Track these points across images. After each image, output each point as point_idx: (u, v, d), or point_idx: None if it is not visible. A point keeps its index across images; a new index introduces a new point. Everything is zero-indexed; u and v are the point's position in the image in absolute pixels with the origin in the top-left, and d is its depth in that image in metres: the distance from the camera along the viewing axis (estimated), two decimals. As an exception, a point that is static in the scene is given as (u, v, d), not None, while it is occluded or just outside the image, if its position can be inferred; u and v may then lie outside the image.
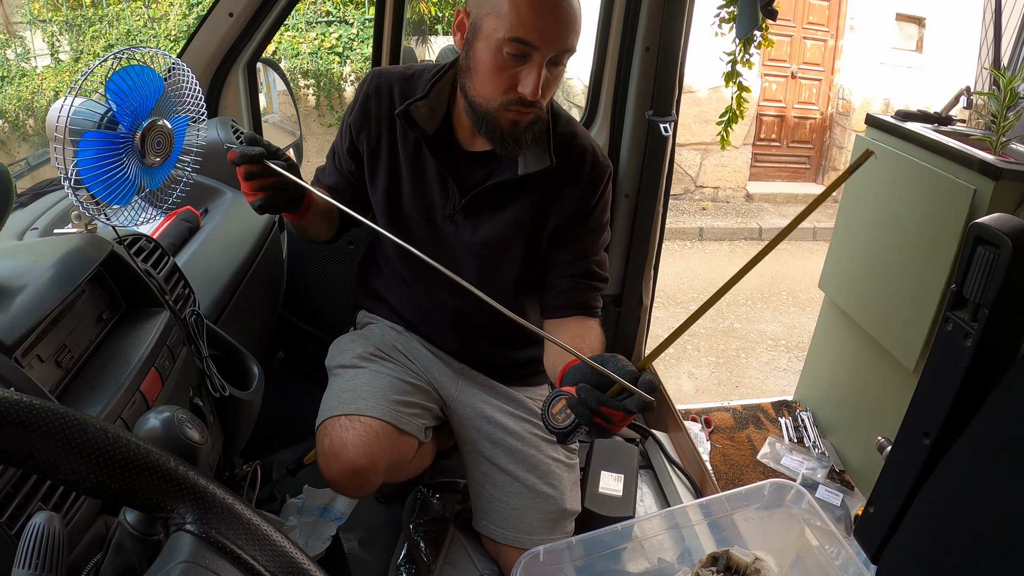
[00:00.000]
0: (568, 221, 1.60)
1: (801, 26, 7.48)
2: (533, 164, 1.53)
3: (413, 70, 1.62)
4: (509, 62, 1.37)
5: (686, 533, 1.57)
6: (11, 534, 0.77)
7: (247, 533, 0.56)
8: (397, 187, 1.63)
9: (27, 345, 0.96)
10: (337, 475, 1.54)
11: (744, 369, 4.30)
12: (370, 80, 1.62)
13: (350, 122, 1.64)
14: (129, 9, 7.05)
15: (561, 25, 1.34)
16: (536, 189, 1.57)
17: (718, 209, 7.39)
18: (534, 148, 1.53)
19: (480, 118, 1.45)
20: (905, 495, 1.11)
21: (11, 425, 0.51)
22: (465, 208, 1.58)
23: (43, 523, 0.56)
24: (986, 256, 0.98)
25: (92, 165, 1.11)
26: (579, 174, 1.59)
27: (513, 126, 1.44)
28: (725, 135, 2.26)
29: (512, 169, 1.54)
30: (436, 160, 1.56)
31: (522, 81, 1.37)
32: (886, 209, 2.43)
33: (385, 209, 1.65)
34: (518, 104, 1.40)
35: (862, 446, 2.62)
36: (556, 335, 1.51)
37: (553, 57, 1.37)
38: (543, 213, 1.59)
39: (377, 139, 1.62)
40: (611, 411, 1.10)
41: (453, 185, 1.57)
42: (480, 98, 1.43)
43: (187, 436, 0.67)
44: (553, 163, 1.54)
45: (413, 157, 1.60)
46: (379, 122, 1.61)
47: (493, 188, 1.56)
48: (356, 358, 1.71)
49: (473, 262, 1.62)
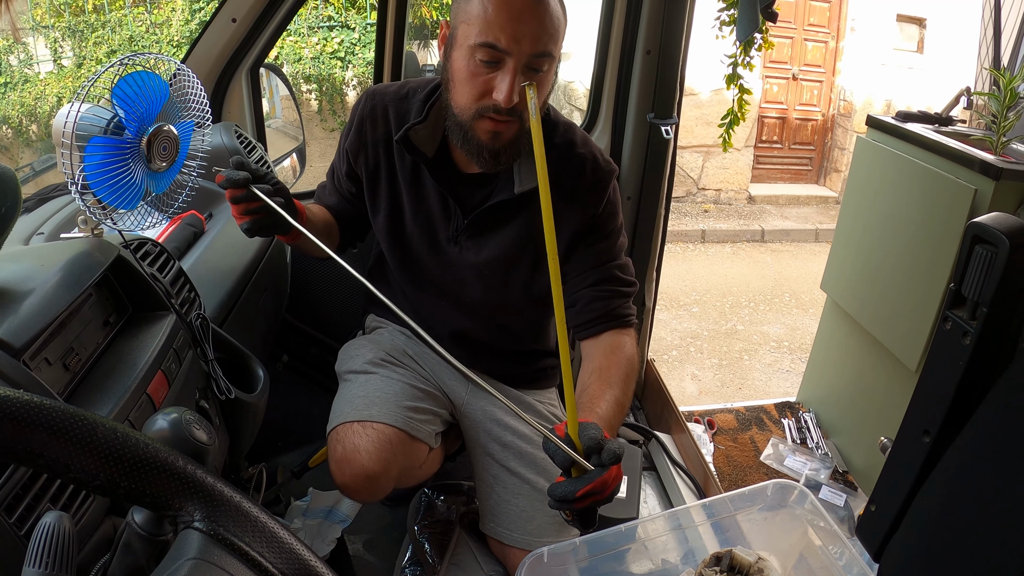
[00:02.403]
0: (579, 232, 1.56)
1: (802, 28, 7.49)
2: (528, 181, 1.50)
3: (407, 89, 1.59)
4: (482, 69, 1.33)
5: (690, 534, 1.57)
6: (21, 534, 0.78)
7: (255, 531, 0.56)
8: (399, 210, 1.61)
9: (35, 348, 0.97)
10: (350, 481, 1.54)
11: (747, 371, 4.30)
12: (364, 101, 1.60)
13: (347, 147, 1.62)
14: (132, 15, 7.07)
15: (532, 28, 1.30)
16: (537, 205, 1.52)
17: (720, 211, 7.39)
18: (529, 164, 1.49)
19: (458, 131, 1.42)
20: (906, 493, 1.11)
21: (22, 425, 0.52)
22: (468, 229, 1.56)
23: (53, 523, 0.56)
24: (984, 255, 0.99)
25: (99, 170, 1.13)
26: (580, 183, 1.55)
27: (492, 139, 1.40)
28: (727, 138, 2.27)
29: (508, 188, 1.52)
30: (437, 182, 1.54)
31: (496, 87, 1.34)
32: (888, 210, 2.44)
33: (388, 233, 1.63)
34: (494, 112, 1.36)
35: (865, 446, 2.62)
36: (588, 359, 1.57)
37: (529, 63, 1.33)
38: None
39: (375, 163, 1.60)
40: (586, 494, 1.16)
41: (455, 207, 1.55)
42: (457, 108, 1.40)
43: (195, 437, 0.68)
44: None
45: (412, 179, 1.58)
46: (375, 145, 1.59)
47: (493, 208, 1.54)
48: (367, 363, 1.71)
49: (479, 281, 1.62)
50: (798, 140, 8.00)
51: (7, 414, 0.51)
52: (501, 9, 1.29)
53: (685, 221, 7.00)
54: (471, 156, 1.45)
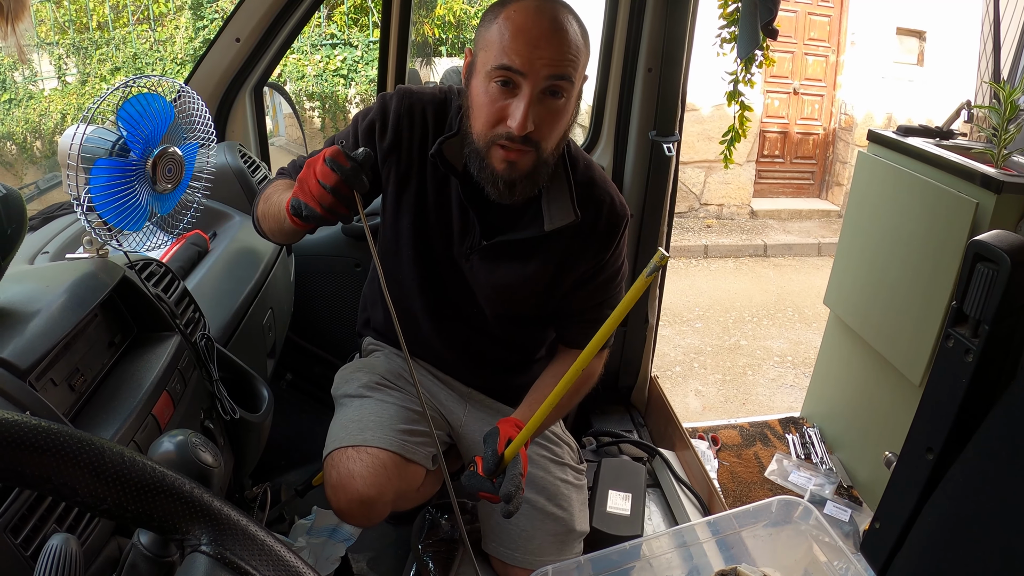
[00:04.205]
0: (586, 271, 1.57)
1: (802, 42, 7.51)
2: (560, 219, 1.48)
3: (444, 95, 1.55)
4: (498, 94, 1.31)
5: (694, 551, 1.57)
6: (27, 555, 0.79)
7: (261, 554, 0.57)
8: (424, 217, 1.56)
9: (41, 369, 0.98)
10: (345, 506, 1.53)
11: (751, 386, 4.29)
12: (399, 100, 1.52)
13: (385, 145, 1.53)
14: (135, 32, 7.12)
15: (549, 51, 1.28)
16: (557, 243, 1.52)
17: (723, 226, 7.40)
18: (560, 200, 1.48)
19: (476, 158, 1.39)
20: (910, 510, 1.11)
21: (30, 450, 0.52)
22: (484, 251, 1.54)
23: (60, 545, 0.57)
24: (985, 273, 0.99)
25: (104, 192, 1.14)
26: (596, 226, 1.54)
27: (507, 168, 1.37)
28: (728, 154, 2.27)
29: (538, 224, 1.49)
30: (466, 198, 1.49)
31: (511, 115, 1.31)
32: (889, 224, 2.44)
33: (411, 238, 1.58)
34: (508, 139, 1.33)
35: (870, 461, 2.61)
36: (556, 360, 1.71)
37: (546, 87, 1.30)
38: (561, 267, 1.55)
39: (408, 165, 1.54)
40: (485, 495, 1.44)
41: (477, 226, 1.52)
42: (475, 135, 1.38)
43: (200, 459, 0.68)
44: (578, 217, 1.48)
45: (440, 186, 1.54)
46: (410, 147, 1.53)
47: (517, 241, 1.52)
48: (362, 387, 1.70)
49: (485, 298, 1.61)
50: (800, 154, 8.01)
51: (16, 438, 0.52)
52: (519, 34, 1.28)
53: (688, 237, 6.99)
54: (486, 185, 1.41)
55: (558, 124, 1.37)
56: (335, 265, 2.43)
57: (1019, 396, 0.94)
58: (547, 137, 1.36)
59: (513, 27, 1.29)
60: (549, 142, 1.38)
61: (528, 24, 1.28)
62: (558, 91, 1.32)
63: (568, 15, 1.32)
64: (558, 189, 1.49)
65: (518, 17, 1.29)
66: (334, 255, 2.41)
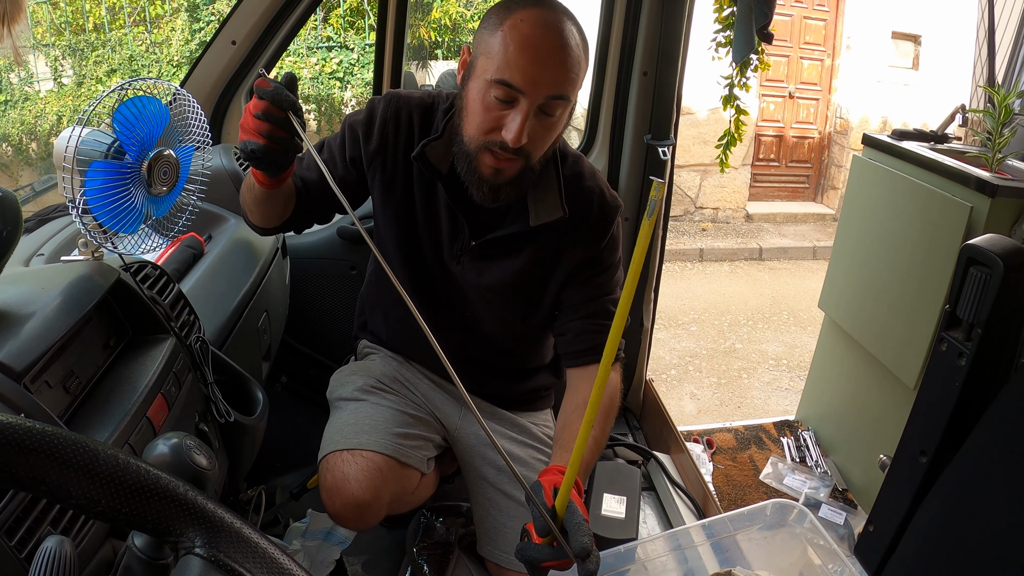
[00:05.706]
0: (579, 265, 1.57)
1: (798, 46, 7.54)
2: (545, 214, 1.50)
3: (431, 99, 1.56)
4: (495, 105, 1.32)
5: (689, 554, 1.57)
6: (21, 557, 0.78)
7: (255, 556, 0.57)
8: (412, 220, 1.58)
9: (36, 371, 0.98)
10: (340, 509, 1.53)
11: (746, 389, 4.30)
12: (386, 104, 1.54)
13: (370, 149, 1.55)
14: (131, 34, 7.10)
15: (551, 71, 1.29)
16: (546, 238, 1.53)
17: (718, 230, 7.41)
18: (546, 196, 1.50)
19: (463, 159, 1.41)
20: (904, 513, 1.11)
21: (25, 452, 0.52)
22: (474, 251, 1.55)
23: (55, 547, 0.57)
24: (978, 276, 1.00)
25: (99, 194, 1.13)
26: (587, 218, 1.55)
27: (494, 174, 1.38)
28: (724, 158, 2.28)
29: (523, 220, 1.51)
30: (452, 200, 1.51)
31: (506, 126, 1.32)
32: (884, 228, 2.45)
33: (399, 242, 1.59)
34: (499, 148, 1.34)
35: (865, 464, 2.62)
36: (572, 390, 1.58)
37: (543, 105, 1.32)
38: (552, 261, 1.56)
39: (394, 169, 1.55)
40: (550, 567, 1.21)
41: (466, 227, 1.53)
42: (466, 137, 1.39)
43: (195, 462, 0.68)
44: (566, 213, 1.50)
45: (426, 191, 1.55)
46: (396, 151, 1.54)
47: (504, 237, 1.52)
48: (357, 391, 1.70)
49: (479, 300, 1.62)
50: (795, 158, 8.03)
51: (10, 441, 0.52)
52: (523, 51, 1.28)
53: (683, 240, 7.00)
54: (471, 187, 1.43)
55: (551, 136, 1.40)
56: (331, 268, 2.42)
57: (1012, 399, 0.95)
58: (538, 148, 1.39)
59: (518, 41, 1.28)
60: (539, 152, 1.40)
61: (534, 39, 1.29)
62: (553, 110, 1.34)
63: (572, 28, 1.33)
64: (546, 184, 1.50)
65: (524, 28, 1.29)
66: (330, 258, 2.40)
